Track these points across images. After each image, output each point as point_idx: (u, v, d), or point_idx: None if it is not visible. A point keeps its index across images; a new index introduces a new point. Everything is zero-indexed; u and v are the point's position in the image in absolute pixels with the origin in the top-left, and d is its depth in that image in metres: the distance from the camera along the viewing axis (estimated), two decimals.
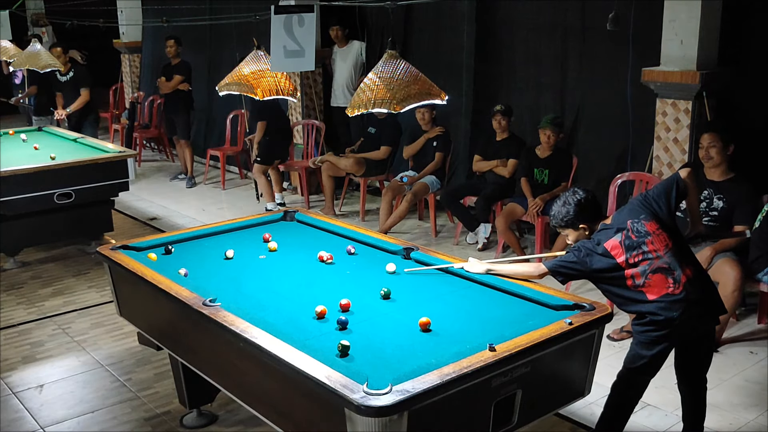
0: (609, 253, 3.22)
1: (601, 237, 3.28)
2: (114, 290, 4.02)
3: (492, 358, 2.61)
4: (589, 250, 3.26)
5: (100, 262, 5.05)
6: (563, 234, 3.51)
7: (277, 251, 4.02)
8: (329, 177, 7.59)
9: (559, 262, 3.32)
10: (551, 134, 5.95)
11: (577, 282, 5.65)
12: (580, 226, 3.38)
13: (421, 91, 3.46)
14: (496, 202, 6.43)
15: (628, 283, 3.20)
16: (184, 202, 8.50)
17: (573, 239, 3.42)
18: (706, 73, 5.12)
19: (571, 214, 3.37)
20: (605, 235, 3.28)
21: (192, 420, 3.90)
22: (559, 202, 3.43)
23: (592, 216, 3.40)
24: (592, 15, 6.02)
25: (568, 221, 3.39)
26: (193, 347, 3.48)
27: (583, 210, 3.37)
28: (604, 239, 3.26)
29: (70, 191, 6.20)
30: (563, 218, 3.40)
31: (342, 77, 8.29)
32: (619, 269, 3.20)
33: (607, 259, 3.22)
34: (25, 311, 5.43)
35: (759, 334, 4.80)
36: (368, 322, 3.08)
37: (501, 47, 6.90)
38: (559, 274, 3.32)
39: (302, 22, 5.64)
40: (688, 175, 3.36)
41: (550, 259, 3.44)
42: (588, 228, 3.38)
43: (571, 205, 3.38)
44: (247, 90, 4.50)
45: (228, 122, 9.36)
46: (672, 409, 3.86)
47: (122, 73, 11.84)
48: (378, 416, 2.33)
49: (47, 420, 3.97)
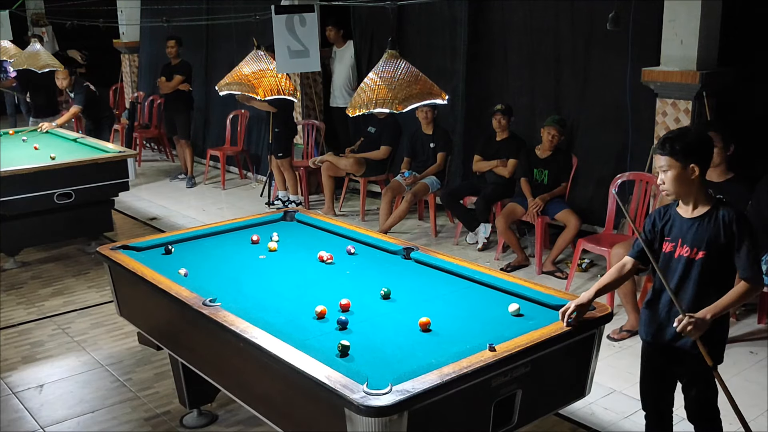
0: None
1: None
2: (114, 290, 4.02)
3: (492, 358, 2.61)
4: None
5: (100, 262, 5.05)
6: (659, 167, 2.98)
7: (277, 251, 4.02)
8: (329, 177, 7.60)
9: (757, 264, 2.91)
10: (555, 134, 5.94)
11: (577, 282, 5.67)
12: (691, 165, 2.92)
13: (423, 91, 3.46)
14: (496, 202, 6.43)
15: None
16: (184, 202, 8.50)
17: (670, 178, 2.94)
18: (706, 73, 5.12)
19: (693, 142, 2.92)
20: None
21: (192, 420, 3.90)
22: (677, 129, 3.08)
23: (707, 161, 2.98)
24: (592, 14, 6.03)
25: (681, 149, 2.90)
26: (193, 347, 3.48)
27: (704, 148, 2.96)
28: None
29: (70, 191, 6.20)
30: (684, 144, 2.90)
31: (340, 78, 8.30)
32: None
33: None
34: (25, 311, 5.43)
35: (759, 334, 4.80)
36: (368, 322, 3.08)
37: (495, 49, 6.90)
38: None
39: (304, 22, 5.63)
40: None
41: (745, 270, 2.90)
42: (698, 173, 2.93)
43: (695, 134, 2.98)
44: (248, 90, 4.51)
45: (228, 122, 9.37)
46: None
47: (122, 73, 11.84)
48: (378, 416, 2.33)
49: (47, 420, 3.97)
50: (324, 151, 8.17)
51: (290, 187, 7.96)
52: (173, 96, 8.94)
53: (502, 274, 3.56)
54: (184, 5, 9.19)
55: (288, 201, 7.92)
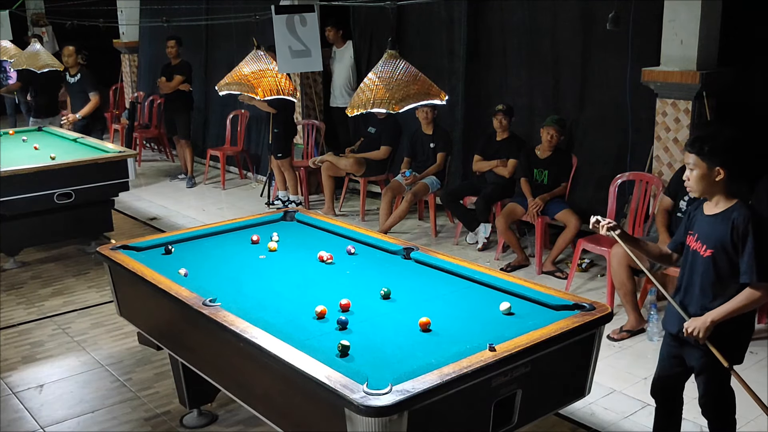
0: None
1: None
2: (114, 290, 4.02)
3: (492, 358, 2.61)
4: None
5: (100, 262, 5.04)
6: (687, 163, 2.93)
7: (277, 251, 4.02)
8: (329, 177, 7.60)
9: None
10: (554, 134, 5.94)
11: (577, 282, 5.67)
12: (717, 167, 2.86)
13: (420, 91, 3.45)
14: (496, 202, 6.43)
15: None
16: (184, 202, 8.50)
17: (695, 177, 2.91)
18: (706, 73, 5.12)
19: (724, 145, 2.85)
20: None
21: (192, 420, 3.90)
22: (711, 129, 3.02)
23: (734, 164, 2.87)
24: (591, 14, 6.02)
25: (709, 151, 2.84)
26: (193, 347, 3.48)
27: (735, 151, 2.88)
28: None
29: (70, 191, 6.20)
30: (712, 146, 2.83)
31: (340, 78, 8.31)
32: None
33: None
34: (25, 311, 5.43)
35: (759, 334, 4.79)
36: (368, 322, 3.08)
37: (495, 49, 6.89)
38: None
39: (304, 22, 5.63)
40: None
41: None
42: (724, 176, 2.87)
43: (727, 137, 2.90)
44: (248, 90, 4.51)
45: (228, 122, 9.37)
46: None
47: (122, 73, 11.84)
48: (378, 416, 2.33)
49: (47, 420, 3.97)
50: (324, 151, 8.17)
51: (290, 187, 7.97)
52: (173, 96, 8.94)
53: (502, 274, 3.56)
54: (183, 5, 9.20)
55: (288, 201, 7.92)
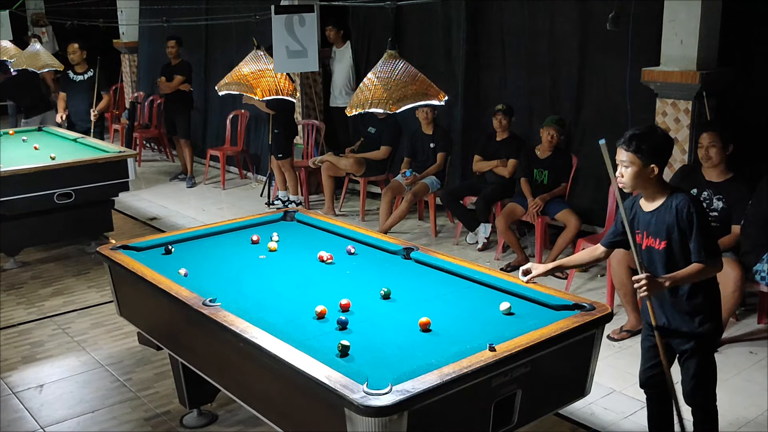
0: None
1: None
2: (114, 290, 4.02)
3: (492, 358, 2.61)
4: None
5: (100, 262, 5.05)
6: (621, 160, 3.07)
7: (277, 251, 4.02)
8: (329, 177, 7.60)
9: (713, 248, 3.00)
10: (554, 134, 5.94)
11: (577, 282, 5.67)
12: (652, 165, 3.01)
13: (419, 92, 3.45)
14: (496, 202, 6.43)
15: None
16: (184, 202, 8.50)
17: (630, 174, 3.04)
18: (706, 73, 5.12)
19: (659, 144, 3.02)
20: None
21: (192, 420, 3.90)
22: (644, 127, 3.12)
23: (665, 161, 3.07)
24: (591, 15, 6.02)
25: (646, 149, 2.98)
26: (193, 347, 3.48)
27: (667, 150, 3.09)
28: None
29: (70, 191, 6.20)
30: (650, 145, 2.98)
31: (340, 78, 8.31)
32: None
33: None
34: (25, 311, 5.43)
35: (759, 334, 4.80)
36: (368, 322, 3.08)
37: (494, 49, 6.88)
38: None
39: (303, 22, 5.63)
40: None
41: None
42: (658, 170, 3.02)
43: (661, 135, 3.06)
44: (247, 90, 4.51)
45: (228, 122, 9.37)
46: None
47: (122, 73, 11.84)
48: (378, 416, 2.33)
49: (47, 420, 3.97)
50: (324, 151, 8.17)
51: (290, 187, 7.97)
52: (173, 96, 8.94)
53: (502, 274, 3.56)
54: (183, 5, 9.20)
55: (288, 201, 7.93)
